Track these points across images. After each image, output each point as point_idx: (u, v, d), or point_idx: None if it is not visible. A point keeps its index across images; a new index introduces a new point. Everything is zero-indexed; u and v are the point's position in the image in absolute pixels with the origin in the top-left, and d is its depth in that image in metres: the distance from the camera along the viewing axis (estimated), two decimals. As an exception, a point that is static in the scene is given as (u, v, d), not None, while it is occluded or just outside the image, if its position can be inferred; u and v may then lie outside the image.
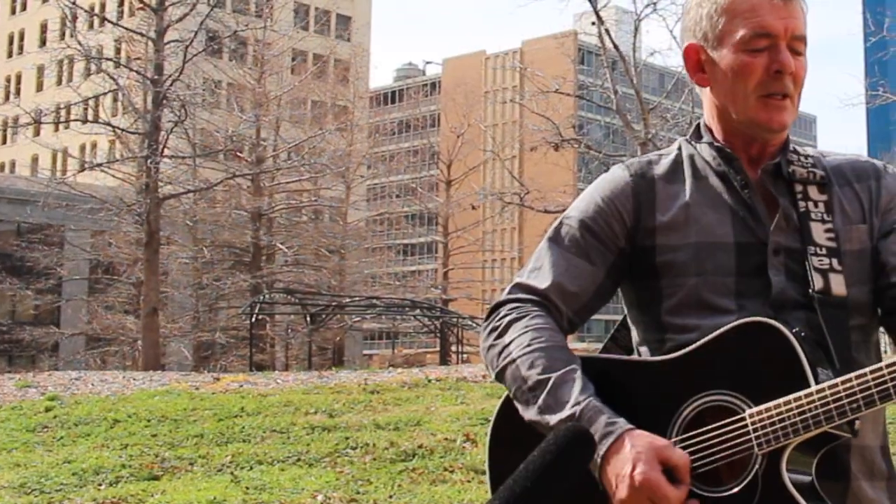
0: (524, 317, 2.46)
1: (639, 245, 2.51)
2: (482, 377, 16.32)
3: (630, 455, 2.17)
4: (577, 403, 2.25)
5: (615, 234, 2.52)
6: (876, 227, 2.48)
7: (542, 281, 2.52)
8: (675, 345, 2.39)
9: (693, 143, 2.60)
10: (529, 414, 2.33)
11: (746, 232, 2.43)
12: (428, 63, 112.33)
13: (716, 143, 2.52)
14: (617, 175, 2.59)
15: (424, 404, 13.23)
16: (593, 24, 32.85)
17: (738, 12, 2.42)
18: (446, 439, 10.48)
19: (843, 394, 2.11)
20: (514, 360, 2.38)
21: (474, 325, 37.62)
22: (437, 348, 41.32)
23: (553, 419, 2.27)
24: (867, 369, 2.11)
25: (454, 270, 66.76)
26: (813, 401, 2.13)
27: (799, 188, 2.47)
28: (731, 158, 2.49)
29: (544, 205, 36.72)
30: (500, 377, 2.44)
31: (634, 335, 2.62)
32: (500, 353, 2.43)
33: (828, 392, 2.12)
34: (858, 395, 2.10)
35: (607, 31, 31.87)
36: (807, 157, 2.54)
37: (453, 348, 39.68)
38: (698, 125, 2.63)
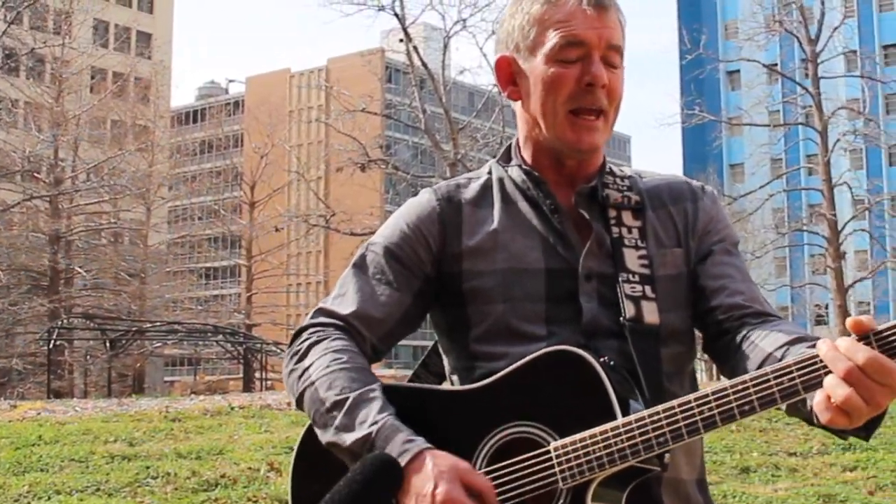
0: (325, 339, 2.39)
1: (445, 271, 2.44)
2: (287, 405, 16.18)
3: (431, 473, 2.06)
4: (375, 423, 2.16)
5: (421, 260, 2.45)
6: (693, 251, 2.44)
7: (346, 307, 2.45)
8: (484, 372, 2.30)
9: (503, 165, 2.54)
10: (327, 436, 2.24)
11: (557, 258, 2.37)
12: (231, 81, 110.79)
13: (524, 166, 2.47)
14: (423, 200, 2.52)
15: (227, 432, 13.02)
16: (401, 41, 33.10)
17: (551, 22, 2.35)
18: (250, 468, 10.32)
19: (649, 427, 2.04)
20: (313, 383, 2.30)
21: (279, 350, 37.40)
22: (241, 375, 40.92)
23: (349, 439, 2.18)
24: (675, 402, 2.04)
25: (258, 295, 66.03)
26: (619, 433, 2.05)
27: (613, 213, 2.42)
28: (540, 182, 2.43)
29: (350, 227, 36.68)
30: (300, 402, 2.34)
31: (446, 363, 2.56)
32: (301, 376, 2.35)
33: (634, 425, 2.05)
34: (666, 430, 2.03)
35: (415, 48, 32.09)
36: (623, 178, 2.50)
37: (257, 375, 39.34)
38: (509, 146, 2.57)
